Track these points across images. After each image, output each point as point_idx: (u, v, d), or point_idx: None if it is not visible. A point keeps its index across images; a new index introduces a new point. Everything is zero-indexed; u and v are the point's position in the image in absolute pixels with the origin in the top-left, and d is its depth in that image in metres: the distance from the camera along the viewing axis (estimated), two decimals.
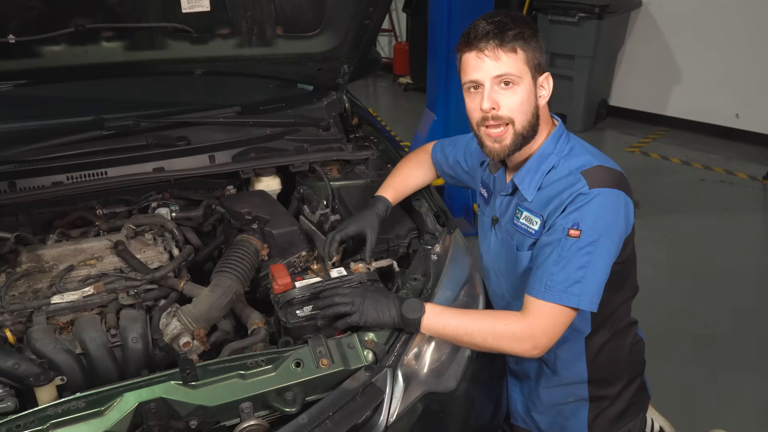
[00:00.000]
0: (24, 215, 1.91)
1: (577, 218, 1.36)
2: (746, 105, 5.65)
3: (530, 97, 1.42)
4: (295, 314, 1.50)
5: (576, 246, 1.34)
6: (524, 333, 1.35)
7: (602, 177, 1.40)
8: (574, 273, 1.34)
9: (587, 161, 1.44)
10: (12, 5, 1.68)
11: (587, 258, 1.34)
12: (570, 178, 1.42)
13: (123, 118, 2.02)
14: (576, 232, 1.35)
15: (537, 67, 1.42)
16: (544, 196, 1.45)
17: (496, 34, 1.37)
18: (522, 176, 1.50)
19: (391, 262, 1.75)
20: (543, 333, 1.35)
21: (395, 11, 8.12)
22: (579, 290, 1.34)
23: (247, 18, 1.98)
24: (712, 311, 3.39)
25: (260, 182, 2.10)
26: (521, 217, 1.50)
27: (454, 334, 1.40)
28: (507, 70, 1.38)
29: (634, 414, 1.70)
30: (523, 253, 1.51)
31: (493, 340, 1.37)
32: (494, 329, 1.37)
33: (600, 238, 1.35)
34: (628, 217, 1.42)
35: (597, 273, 1.36)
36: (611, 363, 1.62)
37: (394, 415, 1.34)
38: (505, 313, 1.42)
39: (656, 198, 4.77)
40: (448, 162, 1.85)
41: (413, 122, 5.04)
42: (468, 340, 1.40)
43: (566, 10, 5.72)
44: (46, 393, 1.29)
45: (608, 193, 1.38)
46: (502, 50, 1.37)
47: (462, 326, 1.39)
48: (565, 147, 1.48)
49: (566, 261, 1.35)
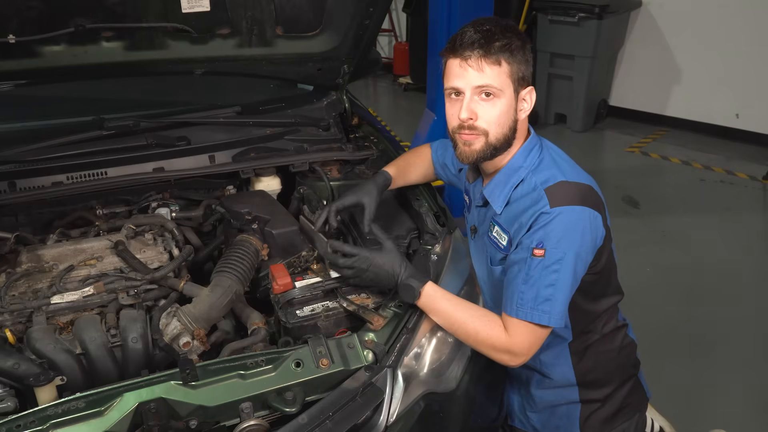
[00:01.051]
0: (24, 215, 1.91)
1: (542, 237, 1.37)
2: (746, 105, 5.65)
3: (509, 110, 1.41)
4: (295, 314, 1.50)
5: (542, 265, 1.36)
6: (503, 346, 1.40)
7: (564, 193, 1.40)
8: (543, 291, 1.36)
9: (552, 176, 1.43)
10: (12, 5, 1.68)
11: (554, 276, 1.36)
12: (534, 195, 1.42)
13: (123, 118, 2.02)
14: (540, 252, 1.36)
15: (521, 81, 1.41)
16: (512, 212, 1.47)
17: (482, 44, 1.36)
18: (491, 189, 1.52)
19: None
20: (520, 348, 1.39)
21: (395, 11, 8.12)
22: (549, 307, 1.36)
23: (247, 18, 1.98)
24: (712, 311, 3.38)
25: (260, 182, 2.10)
26: (493, 231, 1.52)
27: (441, 323, 1.46)
28: (489, 82, 1.38)
29: (628, 415, 1.70)
30: (495, 267, 1.54)
31: (474, 342, 1.44)
32: (477, 334, 1.41)
33: (565, 257, 1.36)
34: (596, 231, 1.42)
35: (564, 290, 1.38)
36: (599, 366, 1.63)
37: (394, 415, 1.34)
38: (493, 321, 1.42)
39: (656, 198, 4.77)
40: (440, 163, 1.87)
41: (413, 122, 5.04)
42: (452, 331, 1.46)
43: (566, 10, 5.71)
44: (46, 393, 1.29)
45: (570, 211, 1.38)
46: (485, 61, 1.37)
47: (449, 321, 1.44)
48: (535, 160, 1.48)
49: (534, 280, 1.36)
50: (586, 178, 1.47)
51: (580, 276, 1.42)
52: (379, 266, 1.47)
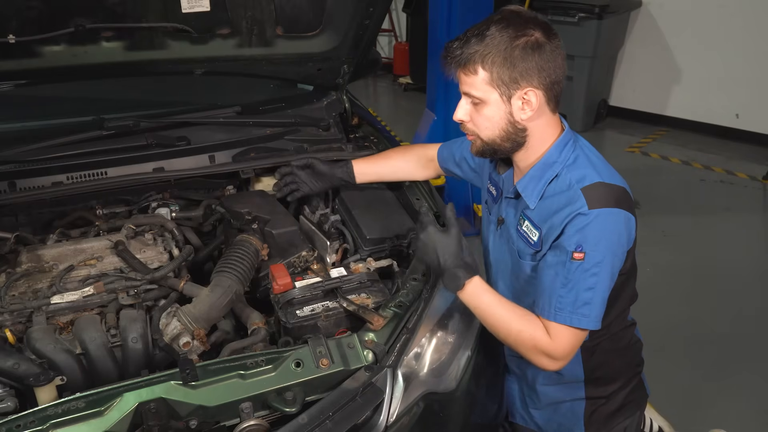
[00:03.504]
0: (24, 215, 1.92)
1: (580, 240, 1.36)
2: (746, 105, 5.65)
3: (499, 114, 1.40)
4: (295, 314, 1.50)
5: (582, 268, 1.35)
6: (545, 349, 1.39)
7: (602, 195, 1.39)
8: (583, 294, 1.36)
9: (588, 175, 1.41)
10: (12, 5, 1.68)
11: (594, 279, 1.36)
12: (569, 194, 1.40)
13: (123, 118, 2.02)
14: (580, 255, 1.35)
15: (509, 84, 1.37)
16: (545, 208, 1.45)
17: (457, 55, 1.38)
18: (525, 183, 1.49)
19: (391, 262, 1.75)
20: (561, 352, 1.39)
21: (395, 11, 8.11)
22: (588, 311, 1.36)
23: (247, 18, 1.98)
24: (712, 311, 3.39)
25: (260, 182, 2.10)
26: (523, 225, 1.50)
27: (482, 317, 1.46)
28: (467, 90, 1.40)
29: (630, 411, 1.70)
30: (524, 261, 1.51)
31: (514, 342, 1.42)
32: (520, 333, 1.40)
33: (604, 259, 1.36)
34: (630, 233, 1.43)
35: (603, 292, 1.38)
36: (608, 364, 1.63)
37: (394, 415, 1.34)
38: (536, 323, 1.41)
39: (656, 198, 4.77)
40: (455, 159, 1.84)
41: (413, 122, 5.04)
42: (491, 329, 1.45)
43: (566, 10, 5.71)
44: (46, 393, 1.29)
45: (608, 213, 1.37)
46: (462, 72, 1.39)
47: (493, 316, 1.43)
48: (570, 156, 1.46)
49: (573, 284, 1.36)
50: (620, 180, 1.46)
51: (615, 276, 1.42)
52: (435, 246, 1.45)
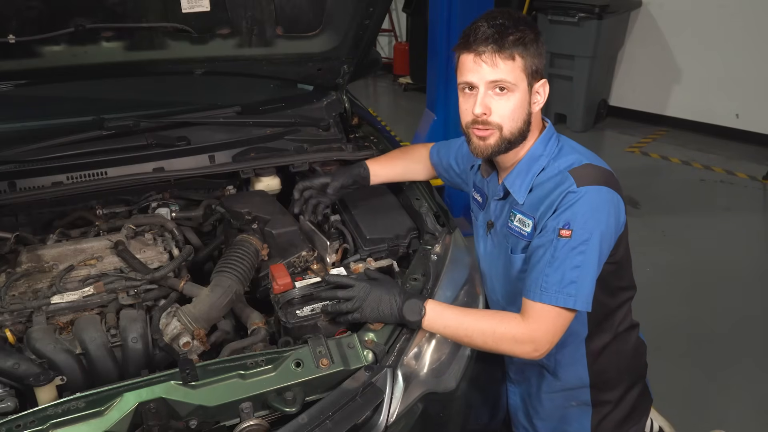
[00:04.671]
0: (24, 215, 1.91)
1: (568, 218, 1.35)
2: (746, 105, 5.65)
3: (523, 104, 1.41)
4: (295, 314, 1.50)
5: (569, 246, 1.34)
6: (524, 336, 1.36)
7: (590, 174, 1.40)
8: (569, 273, 1.34)
9: (576, 160, 1.44)
10: (12, 5, 1.68)
11: (581, 258, 1.34)
12: (558, 177, 1.42)
13: (123, 118, 2.02)
14: (567, 232, 1.34)
15: (534, 74, 1.40)
16: (535, 197, 1.45)
17: (495, 39, 1.35)
18: (512, 180, 1.50)
19: (391, 262, 1.75)
20: (543, 335, 1.36)
21: (395, 11, 8.12)
22: (575, 290, 1.34)
23: (247, 18, 1.98)
24: (712, 311, 3.39)
25: (260, 182, 2.10)
26: (515, 220, 1.50)
27: (453, 334, 1.43)
28: (503, 77, 1.37)
29: (636, 418, 1.69)
30: (516, 255, 1.51)
31: (493, 342, 1.39)
32: (494, 332, 1.38)
33: (591, 237, 1.34)
34: (619, 215, 1.42)
35: (590, 272, 1.36)
36: (613, 366, 1.61)
37: (394, 415, 1.34)
38: (506, 315, 1.41)
39: (656, 198, 4.77)
40: (443, 165, 1.85)
41: (413, 122, 5.04)
42: (467, 341, 1.42)
43: (566, 10, 5.71)
44: (46, 393, 1.28)
45: (597, 191, 1.37)
46: (500, 56, 1.36)
47: (462, 327, 1.40)
48: (554, 148, 1.48)
49: (560, 261, 1.34)
50: (607, 166, 1.47)
51: (603, 260, 1.40)
52: (378, 295, 1.44)
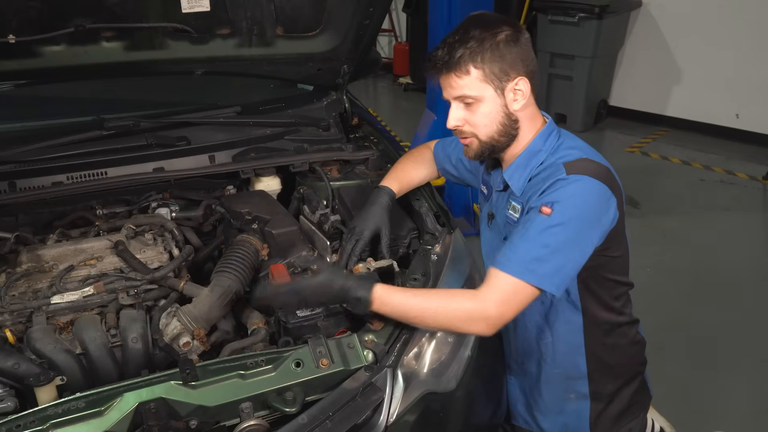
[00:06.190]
0: (24, 215, 1.91)
1: (552, 198, 1.36)
2: (746, 105, 5.65)
3: (495, 108, 1.42)
4: (295, 314, 1.50)
5: (545, 223, 1.33)
6: (476, 309, 1.34)
7: (583, 167, 1.41)
8: (537, 250, 1.33)
9: (573, 154, 1.45)
10: (12, 5, 1.68)
11: (552, 239, 1.33)
12: (552, 169, 1.43)
13: (123, 118, 2.02)
14: (548, 210, 1.34)
15: (501, 77, 1.39)
16: (530, 187, 1.48)
17: (445, 61, 1.39)
18: (511, 173, 1.52)
19: (391, 262, 1.75)
20: (495, 306, 1.33)
21: (395, 11, 8.12)
22: (538, 267, 1.32)
23: (247, 18, 1.98)
24: (712, 311, 3.39)
25: (260, 182, 2.09)
26: (509, 209, 1.53)
27: (403, 314, 1.39)
28: (463, 93, 1.41)
29: (635, 413, 1.70)
30: None
31: (446, 319, 1.37)
32: (446, 308, 1.36)
33: (569, 222, 1.33)
34: (609, 210, 1.41)
35: (562, 257, 1.34)
36: (611, 359, 1.62)
37: (394, 415, 1.34)
38: (457, 291, 1.43)
39: (656, 198, 4.78)
40: (451, 160, 1.85)
41: (413, 122, 5.04)
42: (419, 321, 1.39)
43: (566, 10, 5.72)
44: (46, 393, 1.28)
45: (586, 181, 1.37)
46: (454, 74, 1.40)
47: (412, 307, 1.37)
48: (554, 143, 1.49)
49: (532, 237, 1.34)
50: (606, 162, 1.47)
51: (587, 251, 1.39)
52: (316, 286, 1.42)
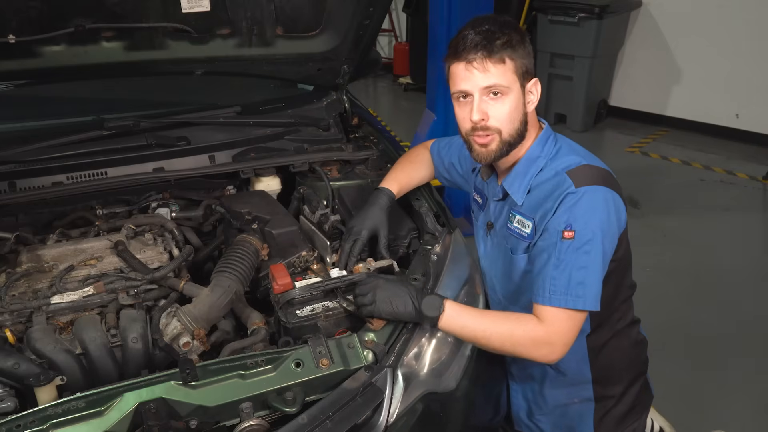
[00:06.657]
0: (24, 215, 1.91)
1: (569, 219, 1.36)
2: (746, 105, 5.65)
3: (518, 105, 1.42)
4: (295, 314, 1.50)
5: (572, 247, 1.35)
6: (542, 338, 1.36)
7: (588, 175, 1.41)
8: (576, 274, 1.34)
9: (573, 161, 1.45)
10: (12, 5, 1.68)
11: (586, 258, 1.35)
12: (557, 179, 1.43)
13: (123, 118, 2.02)
14: (570, 233, 1.35)
15: (525, 75, 1.42)
16: (534, 198, 1.46)
17: (484, 45, 1.37)
18: (511, 181, 1.52)
19: (391, 262, 1.75)
20: (559, 338, 1.36)
21: (395, 11, 8.12)
22: (582, 291, 1.34)
23: (247, 18, 1.98)
24: (712, 311, 3.39)
25: (260, 182, 2.09)
26: (514, 221, 1.51)
27: (471, 335, 1.41)
28: (496, 81, 1.39)
29: (638, 413, 1.70)
30: (517, 256, 1.51)
31: (511, 345, 1.39)
32: (512, 334, 1.38)
33: (594, 237, 1.35)
34: (619, 214, 1.43)
35: (596, 272, 1.37)
36: (614, 362, 1.62)
37: (394, 415, 1.34)
38: (522, 317, 1.40)
39: (656, 198, 4.78)
40: (444, 164, 1.85)
41: (413, 122, 5.04)
42: (485, 342, 1.41)
43: (566, 10, 5.72)
44: (46, 393, 1.28)
45: (595, 190, 1.38)
46: (490, 62, 1.38)
47: (480, 329, 1.39)
48: (552, 149, 1.49)
49: (566, 264, 1.35)
50: (605, 166, 1.48)
51: (608, 259, 1.41)
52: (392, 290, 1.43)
